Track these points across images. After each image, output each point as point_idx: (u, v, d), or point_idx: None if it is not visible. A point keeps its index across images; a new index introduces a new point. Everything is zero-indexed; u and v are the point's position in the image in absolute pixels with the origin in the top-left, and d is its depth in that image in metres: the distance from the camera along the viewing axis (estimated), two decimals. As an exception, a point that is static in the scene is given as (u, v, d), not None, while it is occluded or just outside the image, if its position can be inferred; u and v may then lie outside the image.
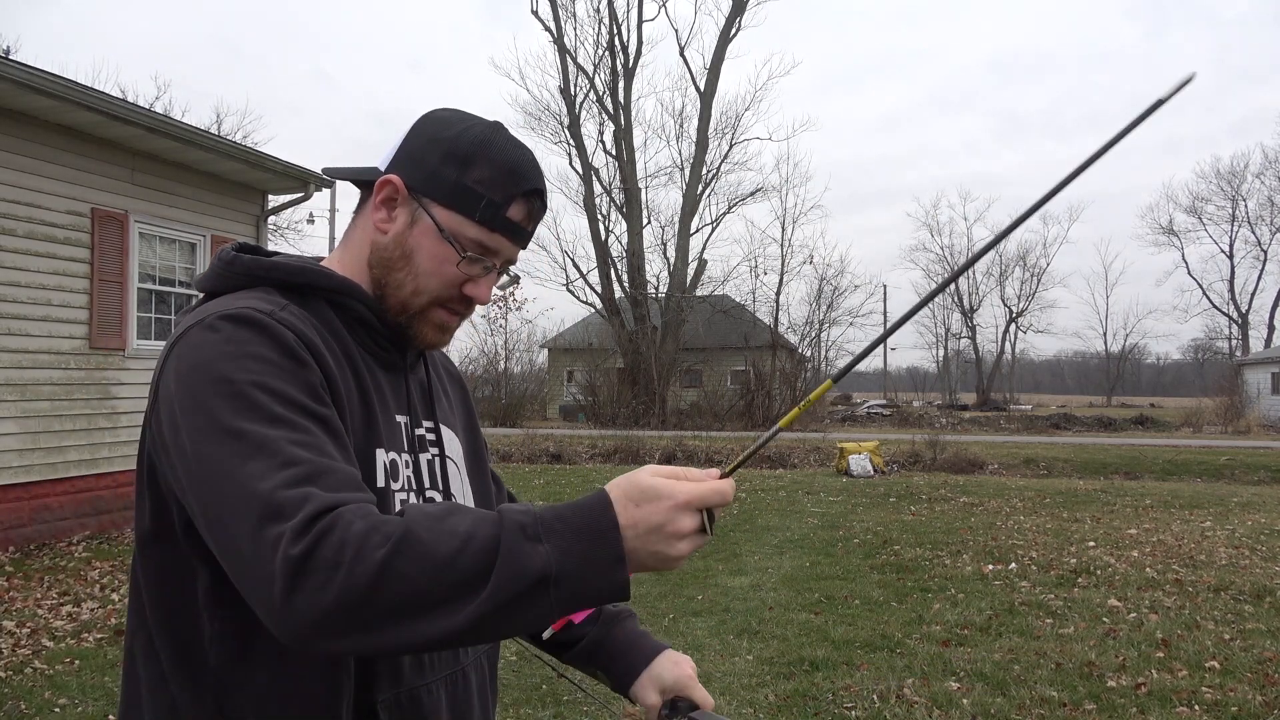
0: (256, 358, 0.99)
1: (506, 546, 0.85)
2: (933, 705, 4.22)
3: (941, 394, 58.20)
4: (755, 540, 8.61)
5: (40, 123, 7.82)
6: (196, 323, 1.03)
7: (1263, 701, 4.25)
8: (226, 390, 0.96)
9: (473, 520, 0.87)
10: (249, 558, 0.88)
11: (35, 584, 6.48)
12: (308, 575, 0.84)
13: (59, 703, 4.25)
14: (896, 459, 16.02)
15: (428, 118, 1.18)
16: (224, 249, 1.18)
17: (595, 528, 0.88)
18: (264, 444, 0.92)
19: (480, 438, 1.39)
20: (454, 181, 1.12)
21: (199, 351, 1.00)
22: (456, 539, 0.85)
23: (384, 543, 0.84)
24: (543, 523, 0.87)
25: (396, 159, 1.16)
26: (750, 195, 34.27)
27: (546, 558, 0.86)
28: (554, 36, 31.53)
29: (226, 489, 0.92)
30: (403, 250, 1.14)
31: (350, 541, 0.84)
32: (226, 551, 0.92)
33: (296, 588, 0.84)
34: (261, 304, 1.06)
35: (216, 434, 0.94)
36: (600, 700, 1.66)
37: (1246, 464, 15.55)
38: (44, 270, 7.95)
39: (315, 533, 0.85)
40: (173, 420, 0.99)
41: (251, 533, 0.88)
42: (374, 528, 0.85)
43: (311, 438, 0.95)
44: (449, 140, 1.13)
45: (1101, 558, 7.54)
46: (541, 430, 22.71)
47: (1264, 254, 52.38)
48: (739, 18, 31.71)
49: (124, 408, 8.74)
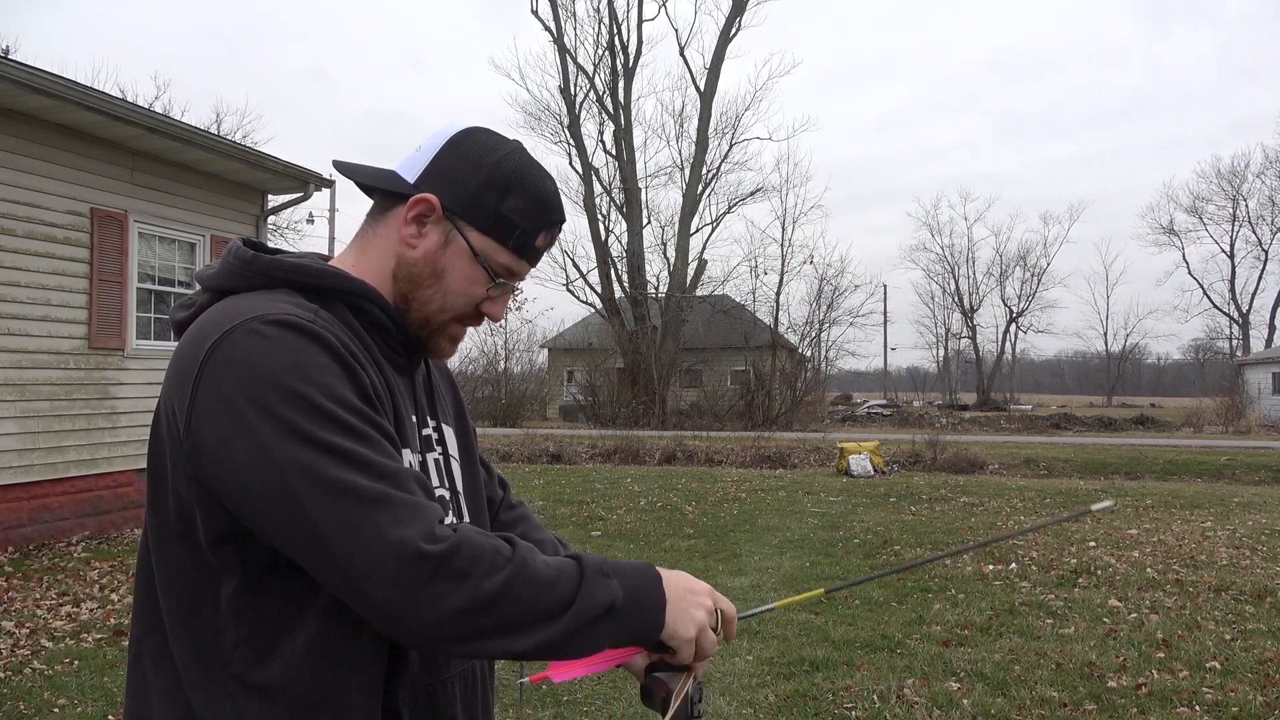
0: (316, 366, 1.00)
1: (589, 577, 1.02)
2: (933, 705, 4.22)
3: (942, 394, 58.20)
4: (755, 540, 8.61)
5: (40, 122, 7.81)
6: (235, 327, 1.01)
7: (1263, 702, 4.24)
8: (300, 403, 0.97)
9: (559, 560, 1.03)
10: (374, 559, 0.94)
11: (35, 584, 6.47)
12: (440, 580, 0.94)
13: (58, 703, 4.25)
14: (897, 459, 16.02)
15: (466, 138, 1.18)
16: (236, 246, 1.15)
17: (648, 576, 1.07)
18: (353, 456, 0.97)
19: (469, 427, 1.41)
20: (493, 209, 1.15)
21: (254, 360, 0.99)
22: (553, 569, 1.01)
23: (506, 564, 0.98)
24: (611, 565, 1.06)
25: (430, 175, 1.16)
26: (750, 195, 34.31)
27: (614, 590, 1.03)
28: (554, 36, 31.56)
29: (326, 498, 0.95)
30: (434, 269, 1.16)
31: (480, 557, 0.96)
32: (334, 562, 0.95)
33: (428, 589, 0.94)
34: (298, 309, 1.05)
35: (303, 445, 0.96)
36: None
37: (1247, 464, 15.54)
38: (43, 270, 7.95)
39: (451, 542, 0.96)
40: (230, 430, 0.97)
41: (376, 537, 0.94)
42: (497, 548, 0.98)
43: (384, 449, 1.01)
44: (490, 168, 1.15)
45: (1102, 558, 7.54)
46: (541, 430, 22.71)
47: (1265, 254, 52.43)
48: (739, 17, 31.73)
49: (124, 408, 8.74)
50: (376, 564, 0.94)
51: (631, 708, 4.22)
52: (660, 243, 33.41)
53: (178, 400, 1.03)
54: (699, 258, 33.19)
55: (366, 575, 0.94)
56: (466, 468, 1.35)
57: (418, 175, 1.16)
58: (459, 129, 1.19)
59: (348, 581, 0.95)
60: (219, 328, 1.03)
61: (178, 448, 1.03)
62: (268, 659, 1.03)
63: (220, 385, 0.99)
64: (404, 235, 1.16)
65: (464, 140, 1.17)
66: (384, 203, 1.19)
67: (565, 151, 33.04)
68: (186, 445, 1.01)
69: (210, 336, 1.02)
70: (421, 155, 1.17)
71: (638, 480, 13.56)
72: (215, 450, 0.99)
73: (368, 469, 0.97)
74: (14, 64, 7.25)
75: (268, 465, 0.96)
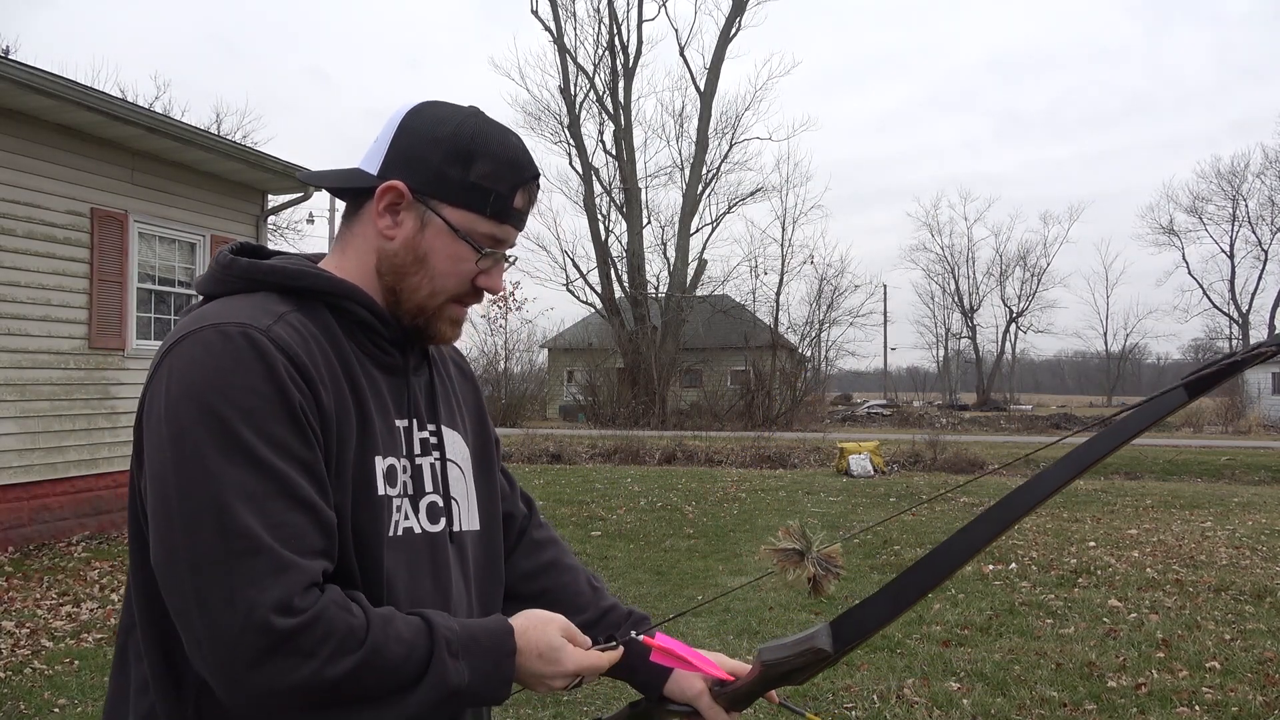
0: (245, 389, 0.98)
1: (437, 659, 1.00)
2: (933, 705, 4.22)
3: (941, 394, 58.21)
4: (755, 540, 8.61)
5: (40, 122, 7.82)
6: (189, 333, 1.02)
7: (1263, 702, 4.24)
8: (215, 426, 0.96)
9: (413, 631, 1.00)
10: (214, 612, 0.91)
11: (35, 584, 6.48)
12: (282, 654, 0.91)
13: (58, 703, 4.25)
14: (897, 459, 16.02)
15: (415, 115, 1.15)
16: (222, 251, 1.16)
17: (499, 652, 1.06)
18: (251, 495, 0.94)
19: (489, 434, 1.37)
20: (460, 180, 1.12)
21: (189, 374, 0.99)
22: (404, 646, 0.98)
23: (357, 648, 0.95)
24: (462, 641, 1.03)
25: (390, 161, 1.14)
26: (750, 195, 34.31)
27: (460, 674, 1.01)
28: (554, 36, 31.57)
29: (203, 534, 0.93)
30: (415, 255, 1.13)
31: (330, 637, 0.93)
32: (184, 596, 0.93)
33: (266, 660, 0.91)
34: (258, 316, 1.04)
35: (200, 472, 0.94)
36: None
37: (1247, 464, 15.55)
38: (44, 270, 7.95)
39: (304, 618, 0.92)
40: (155, 439, 0.99)
41: (225, 590, 0.91)
42: (351, 629, 0.95)
43: (293, 488, 0.97)
44: (449, 139, 1.12)
45: (1102, 558, 7.54)
46: (541, 430, 22.71)
47: (1264, 254, 52.36)
48: (739, 17, 31.75)
49: (124, 408, 8.73)
50: (219, 622, 0.91)
51: (631, 708, 4.22)
52: (660, 243, 33.45)
53: (140, 398, 1.07)
54: (699, 258, 33.24)
55: (207, 628, 0.92)
56: (480, 475, 1.31)
57: (379, 165, 1.14)
58: (408, 108, 1.16)
59: (187, 627, 0.94)
60: (182, 330, 1.05)
61: (134, 445, 1.07)
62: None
63: (159, 389, 1.01)
64: (380, 228, 1.14)
65: (415, 118, 1.14)
66: (355, 202, 1.18)
67: (565, 151, 33.13)
68: (135, 440, 1.06)
69: (171, 339, 1.05)
70: (379, 145, 1.15)
71: (638, 480, 13.56)
72: (143, 450, 1.03)
73: (257, 512, 0.93)
74: (14, 64, 7.25)
75: (161, 477, 0.97)
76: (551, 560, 1.42)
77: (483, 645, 1.05)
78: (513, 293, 34.12)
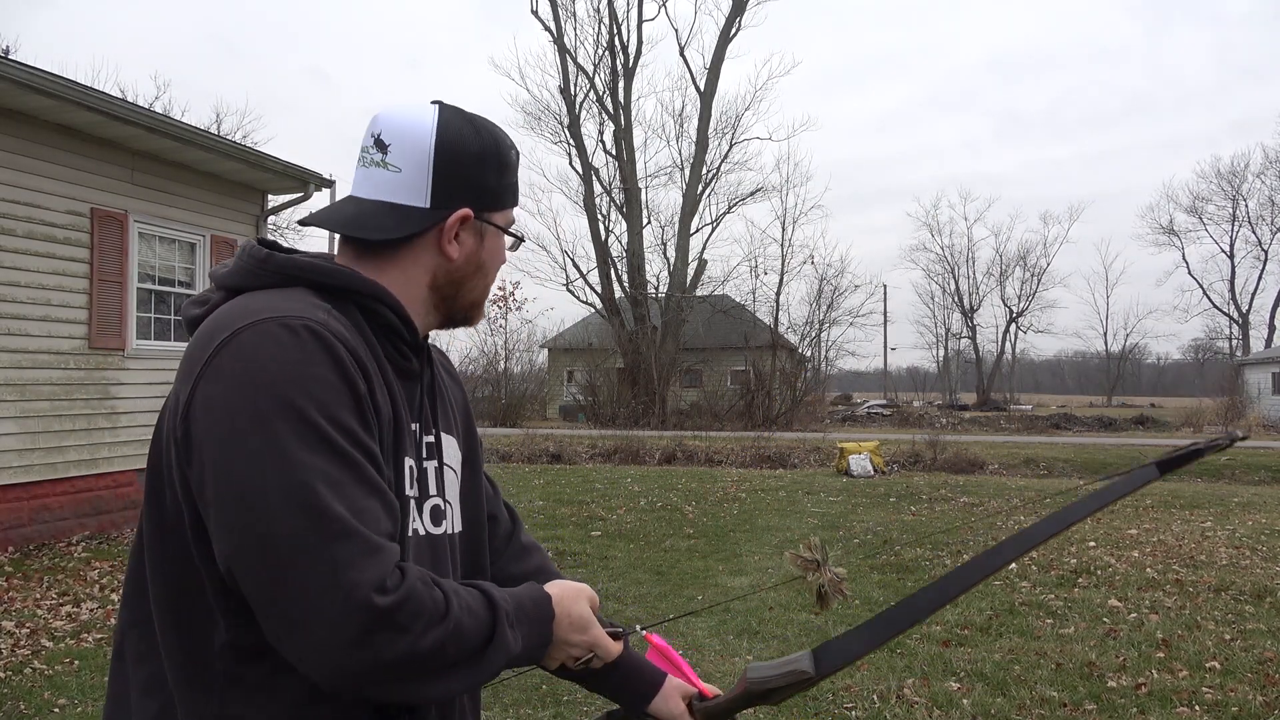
0: (318, 381, 1.00)
1: (500, 629, 1.06)
2: (933, 705, 4.22)
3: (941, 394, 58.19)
4: (755, 540, 8.61)
5: (40, 123, 7.82)
6: (248, 325, 1.01)
7: (1263, 702, 4.24)
8: (294, 416, 0.97)
9: (479, 603, 1.06)
10: (315, 595, 0.93)
11: (35, 584, 6.48)
12: (382, 631, 0.95)
13: (58, 703, 4.25)
14: (897, 459, 16.01)
15: (441, 137, 1.16)
16: (250, 244, 1.15)
17: (542, 620, 1.14)
18: (332, 481, 0.96)
19: (476, 440, 1.39)
20: (497, 185, 1.21)
21: (259, 362, 0.99)
22: (475, 618, 1.04)
23: (441, 621, 1.00)
24: (514, 610, 1.10)
25: (441, 190, 1.15)
26: (750, 195, 34.28)
27: (516, 641, 1.09)
28: (554, 36, 31.56)
29: (295, 521, 0.94)
30: (476, 265, 1.22)
31: (421, 613, 0.98)
32: (276, 583, 0.94)
33: (368, 638, 0.94)
34: (310, 310, 1.05)
35: (285, 461, 0.95)
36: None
37: (1247, 464, 15.54)
38: (44, 270, 7.95)
39: (398, 595, 0.96)
40: (225, 432, 0.97)
41: (326, 574, 0.93)
42: (435, 603, 1.00)
43: (368, 475, 1.01)
44: (488, 154, 1.20)
45: (1102, 558, 7.54)
46: (541, 430, 22.70)
47: (1264, 254, 52.41)
48: (739, 17, 31.74)
49: (124, 408, 8.74)
50: (320, 605, 0.93)
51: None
52: (660, 243, 33.44)
53: (182, 392, 1.03)
54: (699, 258, 33.22)
55: (307, 611, 0.93)
56: (468, 477, 1.34)
57: (428, 195, 1.15)
58: (429, 133, 1.16)
59: (280, 614, 0.95)
60: (233, 323, 1.03)
61: (173, 439, 1.03)
62: (261, 657, 1.03)
63: (221, 382, 0.99)
64: (447, 253, 1.18)
65: (444, 141, 1.16)
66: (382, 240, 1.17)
67: (565, 151, 33.13)
68: (179, 434, 1.02)
69: (222, 331, 1.03)
70: (412, 174, 1.15)
71: (638, 480, 13.56)
72: (200, 443, 0.99)
73: (342, 498, 0.96)
74: (14, 64, 7.25)
75: (237, 468, 0.96)
76: (539, 565, 1.48)
77: (529, 614, 1.13)
78: (513, 293, 34.17)
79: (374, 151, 1.17)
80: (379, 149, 1.16)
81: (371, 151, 1.17)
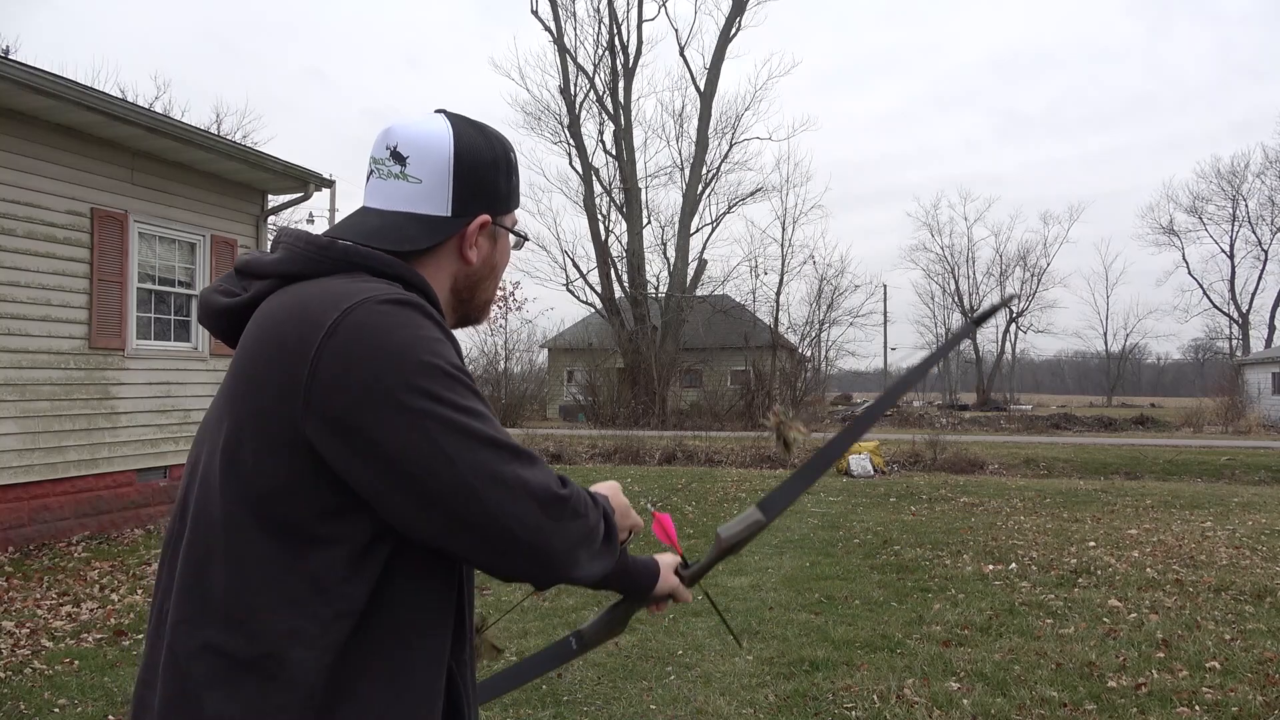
0: (440, 341, 1.09)
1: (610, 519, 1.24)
2: (933, 705, 4.22)
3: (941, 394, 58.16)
4: (755, 540, 8.59)
5: (40, 123, 7.82)
6: (356, 304, 1.06)
7: (1263, 702, 4.24)
8: (443, 374, 1.06)
9: (595, 498, 1.22)
10: (523, 504, 1.06)
11: (35, 584, 6.48)
12: (569, 519, 1.11)
13: (58, 703, 4.25)
14: (897, 459, 16.02)
15: (464, 149, 1.21)
16: (303, 234, 1.17)
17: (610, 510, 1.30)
18: (486, 417, 1.09)
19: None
20: (508, 189, 1.28)
21: (388, 338, 1.04)
22: (601, 510, 1.21)
23: (594, 508, 1.18)
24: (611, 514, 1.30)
25: (461, 197, 1.21)
26: (750, 195, 34.28)
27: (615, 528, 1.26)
28: (554, 36, 31.56)
29: (485, 456, 1.05)
30: (490, 266, 1.29)
31: (584, 501, 1.16)
32: (488, 514, 1.04)
33: (563, 526, 1.10)
34: (394, 292, 1.10)
35: (449, 416, 1.04)
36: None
37: (1247, 464, 15.55)
38: (44, 270, 7.95)
39: (570, 489, 1.13)
40: (370, 402, 1.02)
41: (525, 487, 1.07)
42: (586, 497, 1.17)
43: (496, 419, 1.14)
44: (501, 162, 1.25)
45: (1102, 558, 7.54)
46: (541, 430, 22.72)
47: (1264, 254, 52.38)
48: (739, 17, 31.75)
49: (124, 408, 8.74)
50: (525, 509, 1.06)
51: (631, 708, 4.23)
52: (660, 243, 33.44)
53: (286, 375, 1.04)
54: (699, 258, 33.23)
55: (522, 519, 1.05)
56: None
57: (449, 205, 1.20)
58: (447, 144, 1.20)
59: (501, 533, 1.05)
60: (336, 305, 1.06)
61: (285, 422, 1.04)
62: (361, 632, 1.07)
63: (356, 363, 1.02)
64: (466, 257, 1.24)
65: (461, 150, 1.21)
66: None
67: (565, 151, 33.14)
68: (310, 419, 1.03)
69: (329, 313, 1.05)
70: (433, 184, 1.20)
71: (638, 480, 13.57)
72: (352, 422, 1.02)
73: (498, 429, 1.09)
74: (14, 64, 7.25)
75: (416, 430, 1.02)
76: None
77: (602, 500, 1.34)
78: (513, 293, 34.18)
79: (391, 164, 1.20)
80: (397, 161, 1.20)
81: (388, 164, 1.21)
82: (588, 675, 4.65)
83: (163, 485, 9.25)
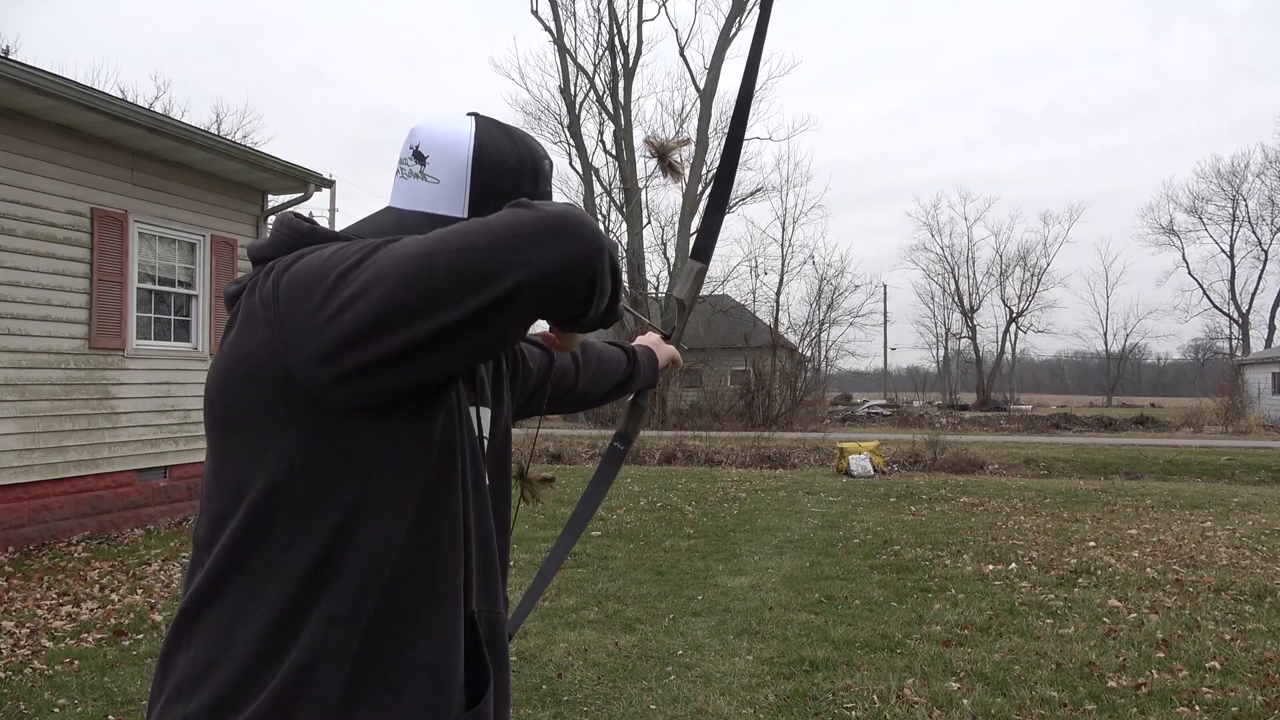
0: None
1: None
2: (933, 705, 4.22)
3: (941, 394, 58.16)
4: (755, 540, 8.61)
5: (40, 123, 7.82)
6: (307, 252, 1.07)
7: (1263, 702, 4.24)
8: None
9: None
10: (535, 224, 1.00)
11: (35, 584, 6.48)
12: (580, 229, 1.06)
13: (58, 703, 4.25)
14: (897, 459, 16.02)
15: (479, 149, 1.20)
16: (289, 218, 1.16)
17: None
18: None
19: (504, 401, 1.44)
20: (531, 193, 1.25)
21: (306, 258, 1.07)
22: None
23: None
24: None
25: (479, 197, 1.19)
26: (750, 195, 34.31)
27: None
28: (554, 36, 31.59)
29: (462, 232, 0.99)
30: None
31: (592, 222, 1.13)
32: (496, 270, 0.98)
33: (575, 231, 1.05)
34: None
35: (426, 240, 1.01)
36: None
37: (1247, 464, 15.54)
38: (44, 270, 7.95)
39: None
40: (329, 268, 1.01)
41: (527, 216, 1.02)
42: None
43: None
44: (527, 165, 1.24)
45: (1102, 558, 7.54)
46: (541, 430, 22.71)
47: (1264, 254, 52.37)
48: (739, 17, 31.76)
49: (124, 408, 8.74)
50: (539, 222, 0.98)
51: (631, 708, 4.22)
52: (660, 243, 33.50)
53: (282, 327, 1.02)
54: (699, 258, 33.15)
55: (537, 234, 0.97)
56: (495, 449, 1.35)
57: (466, 207, 1.19)
58: (466, 146, 1.20)
59: (532, 253, 0.96)
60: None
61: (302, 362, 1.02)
62: (366, 590, 1.06)
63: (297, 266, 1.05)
64: None
65: (482, 152, 1.20)
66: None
67: (565, 151, 33.10)
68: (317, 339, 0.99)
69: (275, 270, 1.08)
70: (451, 185, 1.20)
71: (638, 480, 13.56)
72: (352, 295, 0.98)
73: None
74: (14, 64, 7.25)
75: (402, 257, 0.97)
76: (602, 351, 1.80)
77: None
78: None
79: (412, 163, 1.21)
80: (417, 161, 1.20)
81: (410, 163, 1.21)
82: (588, 675, 4.65)
83: (163, 485, 9.25)
